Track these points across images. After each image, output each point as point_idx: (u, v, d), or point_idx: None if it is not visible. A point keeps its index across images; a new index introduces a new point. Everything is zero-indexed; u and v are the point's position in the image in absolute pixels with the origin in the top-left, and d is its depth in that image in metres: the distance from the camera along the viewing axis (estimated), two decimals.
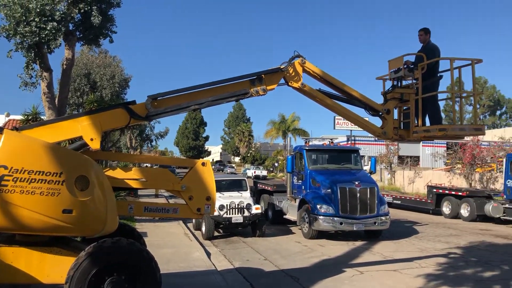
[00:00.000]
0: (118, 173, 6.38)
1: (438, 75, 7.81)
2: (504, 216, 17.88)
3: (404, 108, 7.79)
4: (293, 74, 7.02)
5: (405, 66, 7.64)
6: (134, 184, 6.45)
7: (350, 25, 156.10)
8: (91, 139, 5.84)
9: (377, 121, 7.75)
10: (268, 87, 6.78)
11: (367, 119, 8.03)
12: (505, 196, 18.25)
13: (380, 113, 7.55)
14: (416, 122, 7.55)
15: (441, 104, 8.40)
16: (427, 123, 7.66)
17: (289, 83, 7.07)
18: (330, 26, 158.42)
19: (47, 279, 5.48)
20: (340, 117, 39.99)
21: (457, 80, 7.86)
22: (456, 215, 20.25)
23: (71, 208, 5.16)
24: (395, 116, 7.69)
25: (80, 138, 5.93)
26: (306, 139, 18.10)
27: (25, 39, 13.99)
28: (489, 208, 18.28)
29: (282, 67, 6.92)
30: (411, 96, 7.55)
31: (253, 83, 6.70)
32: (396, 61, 7.77)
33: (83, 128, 5.86)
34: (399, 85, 7.77)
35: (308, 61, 7.10)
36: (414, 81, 7.73)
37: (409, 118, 7.64)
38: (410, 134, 7.56)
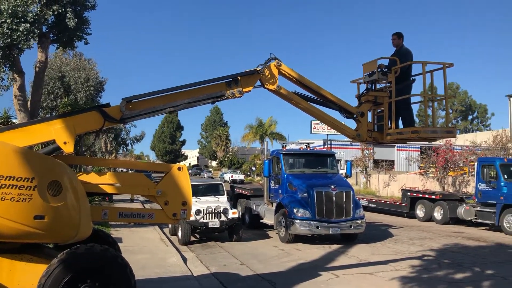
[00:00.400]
0: (92, 178, 6.25)
1: (411, 78, 7.97)
2: (475, 218, 18.25)
3: (378, 111, 7.93)
4: (269, 76, 7.05)
5: (379, 69, 7.77)
6: (109, 189, 6.31)
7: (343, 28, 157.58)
8: (64, 143, 5.71)
9: (351, 124, 7.84)
10: (244, 89, 6.79)
11: (343, 123, 8.12)
12: (476, 199, 18.60)
13: (355, 116, 7.65)
14: (389, 124, 7.69)
15: (415, 109, 8.58)
16: (401, 125, 7.82)
17: (265, 85, 7.09)
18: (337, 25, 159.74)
19: (17, 287, 5.31)
20: (317, 121, 40.52)
21: (430, 84, 8.03)
22: (429, 218, 20.58)
23: (43, 214, 5.00)
24: (369, 118, 7.81)
25: (53, 141, 5.78)
26: (283, 143, 18.20)
27: None
28: (462, 211, 18.64)
29: (258, 69, 6.94)
30: (384, 99, 7.69)
31: (229, 85, 6.70)
32: (370, 64, 7.90)
33: (56, 132, 5.71)
34: (373, 88, 7.90)
35: (283, 63, 7.15)
36: (387, 84, 7.87)
37: (382, 120, 7.76)
38: (384, 136, 7.68)
